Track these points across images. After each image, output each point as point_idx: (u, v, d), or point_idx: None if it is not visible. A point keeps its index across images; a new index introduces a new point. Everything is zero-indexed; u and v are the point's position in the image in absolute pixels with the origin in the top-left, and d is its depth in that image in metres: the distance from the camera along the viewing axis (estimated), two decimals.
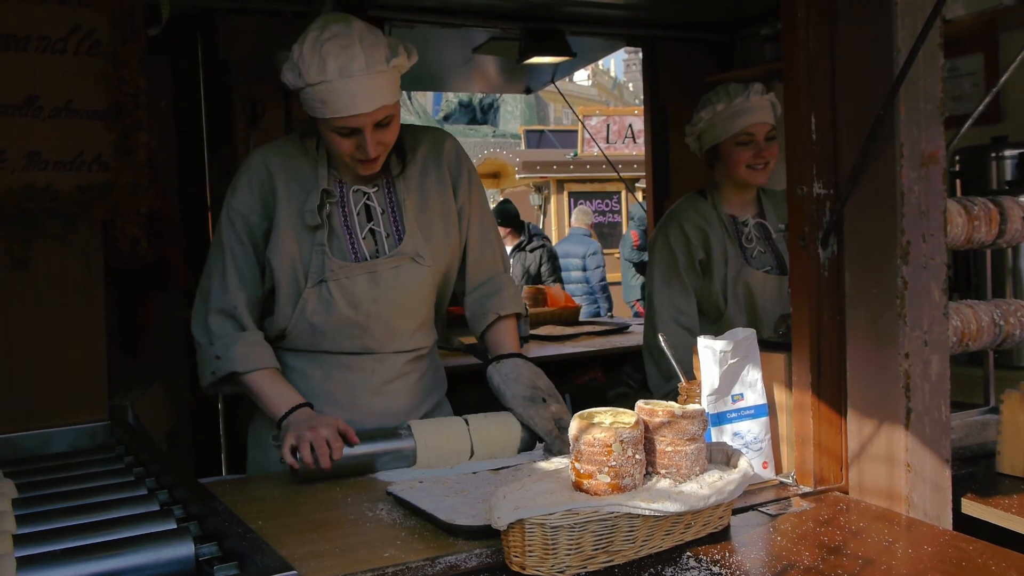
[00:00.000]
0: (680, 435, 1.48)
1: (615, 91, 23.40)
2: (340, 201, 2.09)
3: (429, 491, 1.71)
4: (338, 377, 2.11)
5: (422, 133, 2.22)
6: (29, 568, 1.36)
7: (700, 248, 2.74)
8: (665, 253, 2.79)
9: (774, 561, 1.41)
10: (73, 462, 2.05)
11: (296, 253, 2.04)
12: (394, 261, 2.07)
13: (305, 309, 2.05)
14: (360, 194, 2.11)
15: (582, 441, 1.42)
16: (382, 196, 2.13)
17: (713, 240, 2.74)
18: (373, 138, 1.97)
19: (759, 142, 2.68)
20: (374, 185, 2.13)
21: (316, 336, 2.09)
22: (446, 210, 2.17)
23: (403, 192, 2.13)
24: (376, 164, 2.04)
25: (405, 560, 1.43)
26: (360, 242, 2.08)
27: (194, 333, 2.10)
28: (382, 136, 2.00)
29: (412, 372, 2.20)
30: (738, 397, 1.77)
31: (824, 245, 1.73)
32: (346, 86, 1.91)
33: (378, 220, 2.10)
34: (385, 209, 2.12)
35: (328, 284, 2.03)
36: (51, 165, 2.54)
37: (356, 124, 1.95)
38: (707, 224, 2.75)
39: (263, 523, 1.62)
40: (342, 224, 2.08)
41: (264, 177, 2.08)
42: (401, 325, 2.13)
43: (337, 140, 1.99)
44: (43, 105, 2.56)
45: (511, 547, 1.38)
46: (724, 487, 1.47)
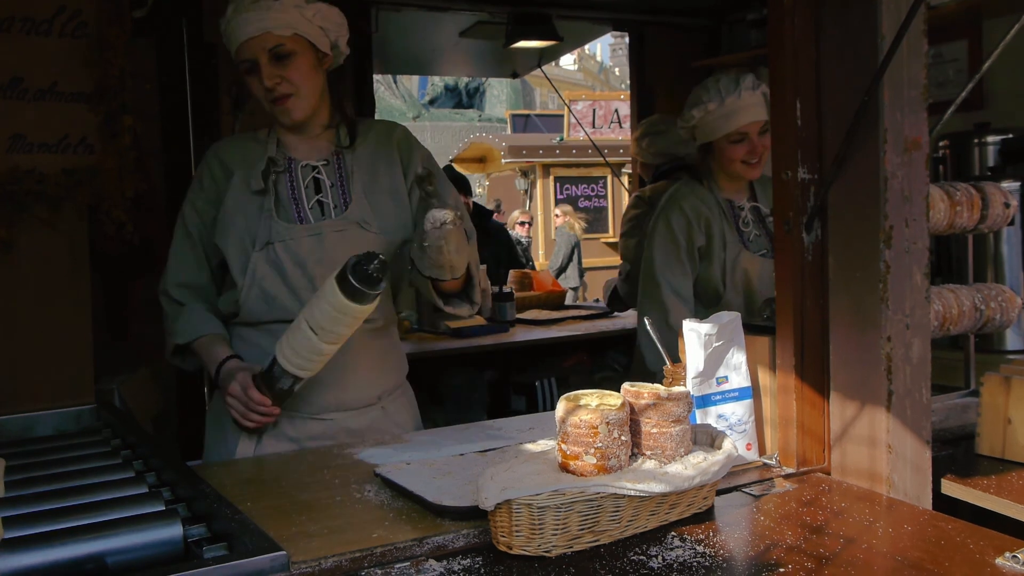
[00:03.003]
0: (665, 417, 1.50)
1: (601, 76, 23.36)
2: (288, 174, 2.16)
3: (417, 472, 1.72)
4: None
5: (376, 123, 2.31)
6: (17, 549, 1.37)
7: (701, 233, 2.75)
8: (667, 237, 2.80)
9: (757, 540, 1.44)
10: (59, 445, 2.05)
11: (244, 223, 2.11)
12: (339, 225, 2.12)
13: (255, 274, 2.09)
14: (309, 168, 2.18)
15: (568, 423, 1.44)
16: (331, 171, 2.19)
17: (713, 225, 2.75)
18: (269, 70, 2.06)
19: (752, 139, 2.69)
20: (324, 160, 2.19)
21: (269, 303, 2.10)
22: (396, 189, 2.19)
23: (352, 167, 2.18)
24: (289, 106, 2.10)
25: (393, 540, 1.44)
26: (307, 210, 2.14)
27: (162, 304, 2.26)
28: (282, 71, 2.07)
29: (370, 347, 2.18)
30: (723, 379, 1.78)
31: (808, 230, 1.75)
32: (238, 19, 2.05)
33: (326, 192, 2.16)
34: (334, 183, 2.17)
35: (275, 245, 2.08)
36: (36, 148, 2.53)
37: (248, 54, 2.07)
38: (707, 209, 2.76)
39: (251, 505, 1.63)
40: (289, 195, 2.14)
41: (216, 168, 2.18)
42: None
43: (250, 84, 2.11)
44: (28, 87, 2.54)
45: (498, 527, 1.40)
46: (708, 468, 1.49)
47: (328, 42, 2.15)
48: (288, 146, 2.19)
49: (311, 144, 2.21)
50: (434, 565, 1.36)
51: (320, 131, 2.21)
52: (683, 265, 2.76)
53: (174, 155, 4.24)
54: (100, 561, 1.38)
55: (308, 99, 2.13)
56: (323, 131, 2.21)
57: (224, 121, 4.38)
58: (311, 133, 2.20)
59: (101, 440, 2.09)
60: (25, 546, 1.38)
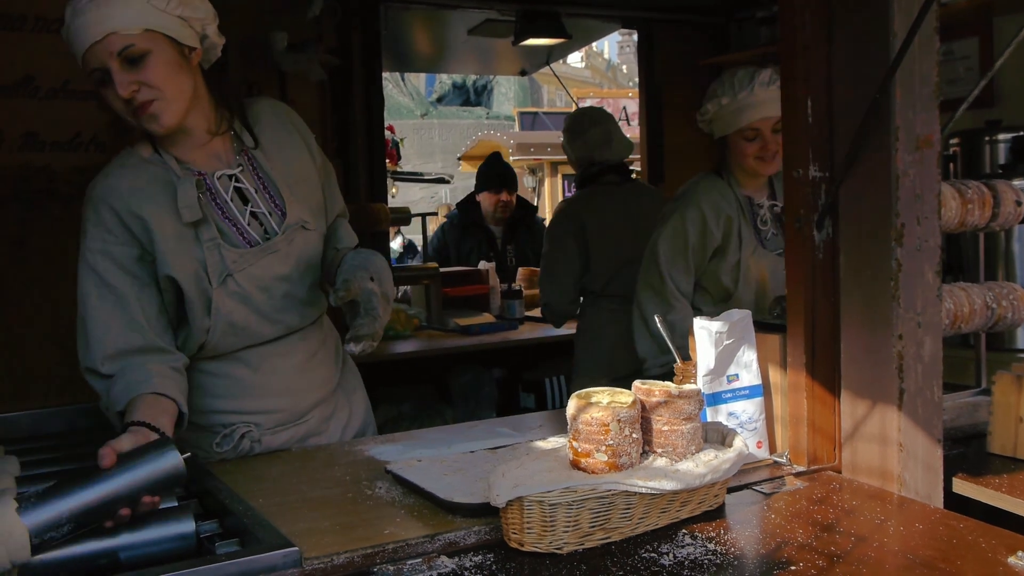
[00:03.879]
0: (676, 415, 1.50)
1: (609, 73, 23.34)
2: (209, 193, 1.92)
3: (427, 469, 1.73)
4: (266, 367, 2.02)
5: (254, 106, 2.07)
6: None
7: (719, 231, 2.73)
8: (678, 232, 2.77)
9: (768, 538, 1.44)
10: (72, 441, 2.07)
11: (191, 261, 1.88)
12: (288, 237, 1.97)
13: (220, 310, 1.91)
14: (226, 178, 1.95)
15: (580, 420, 1.44)
16: (249, 175, 1.99)
17: (732, 221, 2.73)
18: (122, 76, 1.76)
19: (765, 136, 2.67)
20: (237, 165, 1.97)
21: (237, 333, 1.96)
22: (308, 173, 2.07)
23: (266, 164, 2.00)
24: (153, 112, 1.81)
25: (405, 537, 1.45)
26: (247, 228, 1.95)
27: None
28: (138, 75, 1.77)
29: (327, 339, 2.16)
30: (733, 377, 1.78)
31: (819, 227, 1.75)
32: (78, 24, 1.76)
33: (255, 201, 1.97)
34: (257, 187, 1.98)
35: (234, 276, 1.90)
36: (48, 146, 2.55)
37: (97, 62, 1.76)
38: (728, 206, 2.75)
39: (263, 501, 1.64)
40: (221, 216, 1.93)
41: (115, 204, 1.86)
42: (309, 295, 2.04)
43: (106, 97, 1.81)
44: (39, 85, 2.57)
45: (510, 524, 1.40)
46: (719, 466, 1.49)
47: (194, 34, 1.87)
48: (187, 161, 1.93)
49: (207, 151, 1.95)
50: (446, 562, 1.37)
51: (208, 136, 1.95)
52: (687, 263, 2.76)
53: None
54: (114, 556, 1.39)
55: (176, 102, 1.84)
56: (213, 135, 1.95)
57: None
58: (199, 140, 1.94)
59: (112, 436, 2.09)
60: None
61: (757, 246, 2.72)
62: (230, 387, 2.01)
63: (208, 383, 1.98)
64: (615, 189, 3.65)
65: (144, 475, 1.42)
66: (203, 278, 1.89)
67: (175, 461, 1.43)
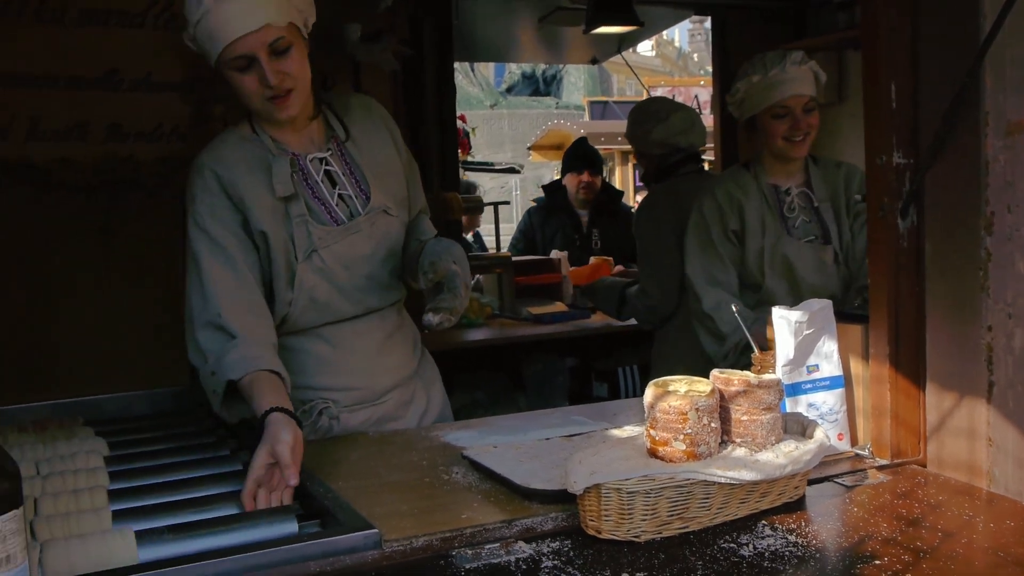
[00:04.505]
0: (756, 404, 1.48)
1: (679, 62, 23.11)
2: (302, 172, 2.03)
3: (504, 456, 1.74)
4: (345, 345, 2.08)
5: (345, 98, 2.18)
6: (125, 520, 1.42)
7: (734, 218, 2.72)
8: (699, 224, 2.78)
9: (851, 531, 1.41)
10: (157, 423, 2.12)
11: (282, 233, 1.97)
12: (372, 218, 2.06)
13: (303, 285, 1.99)
14: (317, 161, 2.05)
15: (657, 408, 1.43)
16: (338, 160, 2.07)
17: (748, 209, 2.71)
18: (272, 66, 1.86)
19: (796, 114, 2.64)
20: (327, 150, 2.07)
21: (318, 309, 2.04)
22: (393, 164, 2.16)
23: (355, 153, 2.09)
24: (289, 103, 1.92)
25: (482, 522, 1.46)
26: (334, 208, 2.04)
27: (190, 359, 1.92)
28: (283, 65, 1.88)
29: (403, 323, 2.22)
30: (813, 368, 1.76)
31: (903, 215, 1.71)
32: (225, 9, 1.82)
33: (343, 184, 2.06)
34: (344, 172, 2.07)
35: (319, 252, 1.99)
36: (132, 137, 2.62)
37: (247, 49, 1.84)
38: (743, 194, 2.73)
39: (342, 484, 1.66)
40: (311, 195, 2.02)
41: (221, 172, 1.96)
42: (389, 279, 2.11)
43: (240, 81, 1.89)
44: (123, 78, 2.63)
45: (587, 511, 1.40)
46: (800, 457, 1.47)
47: (306, 26, 1.98)
48: (283, 142, 2.03)
49: (303, 136, 2.06)
50: (523, 547, 1.37)
51: (306, 122, 2.05)
52: (716, 249, 2.73)
53: None
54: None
55: (305, 92, 1.97)
56: (309, 121, 2.06)
57: None
58: (300, 125, 2.04)
59: (196, 419, 2.15)
60: (128, 518, 1.44)
61: (783, 234, 2.68)
62: (309, 363, 2.07)
63: (288, 359, 1.99)
64: (696, 178, 3.54)
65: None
66: (290, 251, 1.97)
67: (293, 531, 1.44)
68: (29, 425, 1.98)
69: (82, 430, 1.96)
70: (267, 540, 1.37)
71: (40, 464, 1.70)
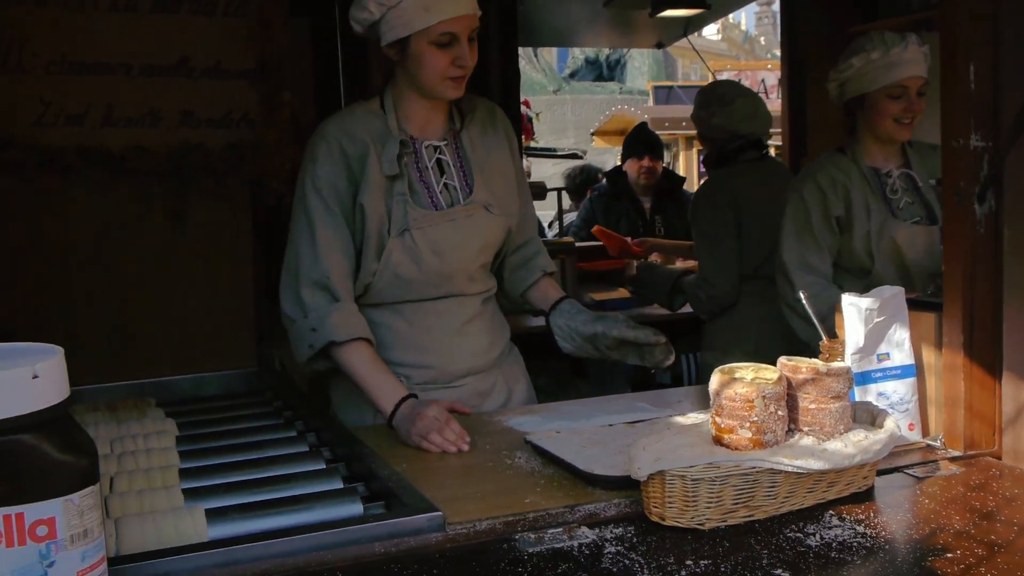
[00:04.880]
0: (824, 392, 1.46)
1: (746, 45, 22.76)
2: (414, 155, 2.11)
3: (567, 441, 1.73)
4: (421, 324, 2.14)
5: (476, 100, 2.26)
6: (195, 499, 1.45)
7: (839, 203, 2.65)
8: (799, 209, 2.71)
9: (921, 524, 1.38)
10: (227, 404, 2.17)
11: (382, 208, 2.05)
12: (469, 210, 2.12)
13: (390, 260, 2.05)
14: (432, 148, 2.13)
15: (723, 396, 1.42)
16: (451, 151, 2.15)
17: (853, 194, 2.64)
18: (468, 49, 2.00)
19: (911, 96, 2.56)
20: (443, 140, 2.15)
21: (401, 286, 2.10)
22: (506, 170, 2.23)
23: (468, 148, 2.16)
24: (463, 85, 2.05)
25: (545, 506, 1.46)
26: (437, 194, 2.11)
27: (284, 309, 2.07)
28: (472, 51, 2.02)
29: (485, 312, 2.25)
30: (884, 356, 1.72)
31: (981, 200, 1.66)
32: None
33: (451, 174, 2.13)
34: (455, 163, 2.15)
35: (412, 232, 2.05)
36: (203, 124, 2.65)
37: (457, 28, 1.97)
38: (846, 178, 2.66)
39: (407, 466, 1.68)
40: (418, 178, 2.10)
41: (344, 143, 2.06)
42: (476, 269, 2.18)
43: (433, 55, 1.99)
44: (195, 66, 2.66)
45: (651, 498, 1.39)
46: (870, 446, 1.44)
47: None
48: (407, 122, 2.12)
49: (430, 121, 2.14)
50: (586, 532, 1.37)
51: (441, 109, 2.15)
52: (814, 235, 2.67)
53: None
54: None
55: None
56: (442, 109, 2.16)
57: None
58: (434, 111, 2.13)
59: (265, 401, 2.19)
60: (198, 496, 1.47)
61: (888, 216, 2.61)
62: (386, 336, 2.12)
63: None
64: (758, 165, 3.49)
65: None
66: (384, 226, 2.05)
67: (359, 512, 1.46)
68: (102, 405, 2.03)
69: (153, 410, 2.01)
70: (333, 520, 1.39)
71: (113, 443, 1.74)
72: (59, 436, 1.07)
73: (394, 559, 1.28)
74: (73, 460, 1.08)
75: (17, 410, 1.03)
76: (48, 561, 1.04)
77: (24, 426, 1.03)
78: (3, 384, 1.02)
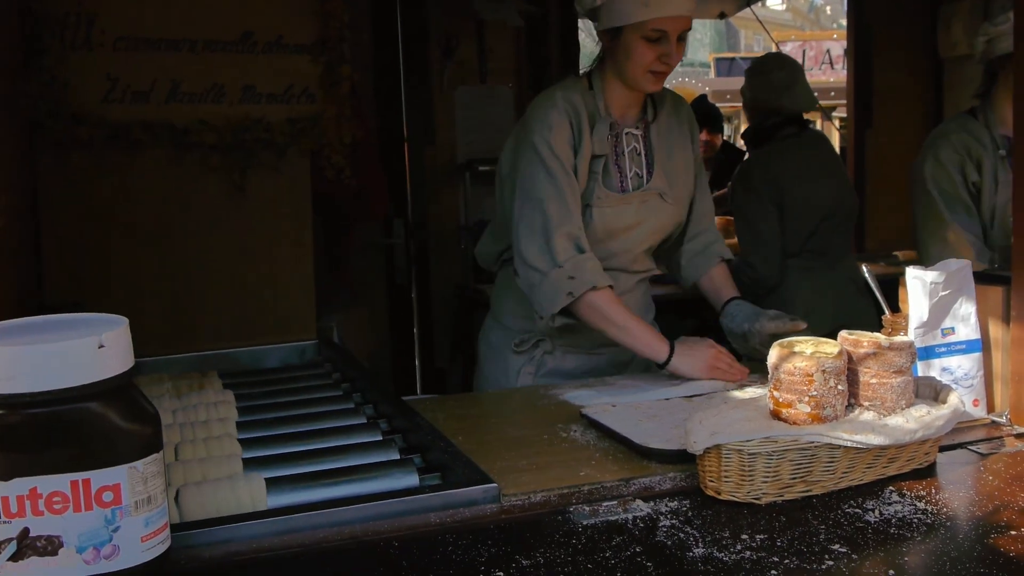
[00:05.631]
0: (886, 367, 1.43)
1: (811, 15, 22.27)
2: (614, 139, 2.24)
3: (622, 415, 1.73)
4: None
5: (664, 92, 2.35)
6: (255, 468, 1.48)
7: (974, 169, 2.55)
8: (941, 175, 2.60)
9: (985, 500, 1.35)
10: (286, 376, 2.20)
11: (583, 179, 2.19)
12: (645, 196, 2.25)
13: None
14: (631, 136, 2.26)
15: (782, 370, 1.40)
16: (642, 140, 2.28)
17: (985, 161, 2.54)
18: (675, 48, 2.12)
19: None
20: (638, 128, 2.27)
21: None
22: (687, 163, 2.34)
23: (655, 138, 2.29)
24: (662, 80, 2.18)
25: (600, 480, 1.46)
26: (627, 178, 2.24)
27: (530, 262, 2.14)
28: (679, 50, 2.14)
29: (637, 291, 2.37)
30: (948, 331, 1.68)
31: None
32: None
33: (640, 161, 2.27)
34: (642, 151, 2.28)
35: (592, 208, 2.18)
36: (264, 98, 2.68)
37: (670, 26, 2.09)
38: (979, 144, 2.56)
39: (462, 439, 1.69)
40: (614, 161, 2.23)
41: (571, 113, 2.19)
42: (640, 250, 2.31)
43: (642, 48, 2.11)
44: (257, 40, 2.69)
45: (707, 472, 1.38)
46: (932, 422, 1.42)
47: None
48: (611, 106, 2.24)
49: (629, 109, 2.27)
50: (641, 505, 1.37)
51: (640, 98, 2.27)
52: (966, 202, 2.58)
53: (386, 104, 4.40)
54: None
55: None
56: (641, 98, 2.28)
57: (433, 69, 4.49)
58: (634, 99, 2.26)
59: (323, 373, 2.22)
60: (258, 466, 1.50)
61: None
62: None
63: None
64: (796, 141, 3.41)
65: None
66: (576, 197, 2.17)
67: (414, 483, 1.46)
68: (166, 376, 2.08)
69: (215, 381, 2.05)
70: (389, 491, 1.41)
71: (176, 413, 1.78)
72: (124, 405, 1.10)
73: (449, 530, 1.30)
74: (138, 428, 1.10)
75: (84, 379, 1.06)
76: (114, 526, 1.07)
77: (90, 394, 1.06)
78: (70, 353, 1.05)
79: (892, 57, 4.77)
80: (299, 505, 1.35)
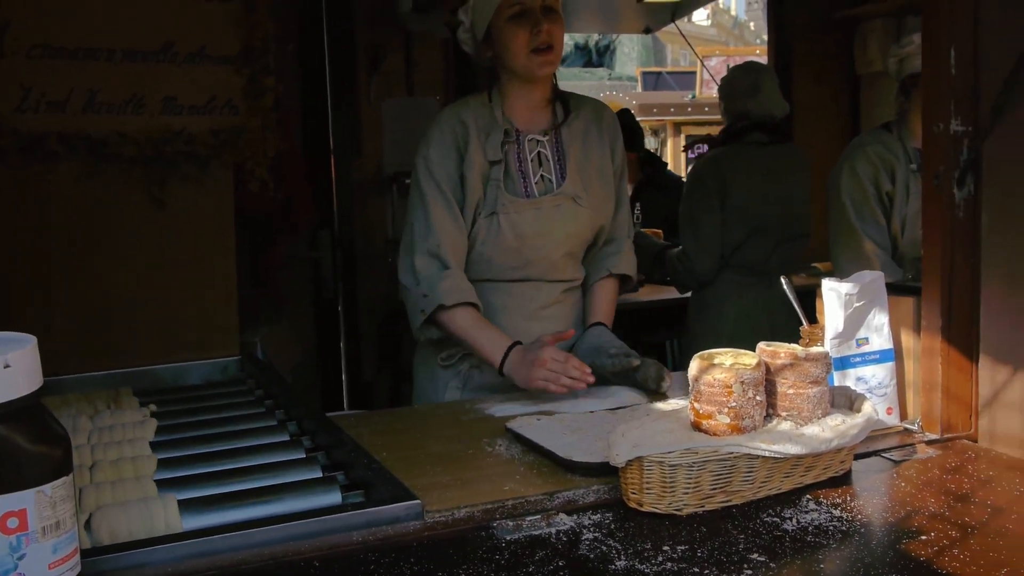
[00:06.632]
0: (803, 377, 1.46)
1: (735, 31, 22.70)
2: (516, 145, 2.24)
3: (547, 428, 1.73)
4: (498, 303, 2.25)
5: (585, 100, 2.38)
6: (170, 489, 1.45)
7: (887, 179, 2.63)
8: (856, 185, 2.67)
9: (897, 506, 1.39)
10: (208, 393, 2.16)
11: (480, 190, 2.20)
12: (557, 200, 2.23)
13: (476, 238, 2.21)
14: (534, 142, 2.25)
15: (702, 381, 1.42)
16: (552, 146, 2.27)
17: (898, 172, 2.62)
18: (542, 22, 2.12)
19: None
20: (545, 133, 2.27)
21: (483, 265, 2.24)
22: (604, 168, 2.32)
23: (568, 143, 2.28)
24: (551, 59, 2.17)
25: (524, 494, 1.46)
26: (532, 184, 2.23)
27: (400, 279, 2.22)
28: (551, 27, 2.14)
29: (565, 301, 2.33)
30: (863, 341, 1.72)
31: (960, 185, 1.66)
32: None
33: (548, 166, 2.26)
34: (553, 156, 2.27)
35: (499, 216, 2.18)
36: (186, 110, 2.63)
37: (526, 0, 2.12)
38: (893, 156, 2.64)
39: (386, 455, 1.67)
40: (516, 168, 2.23)
41: (458, 129, 2.22)
42: (559, 258, 2.27)
43: (511, 29, 2.14)
44: (179, 51, 2.64)
45: (629, 484, 1.39)
46: (847, 431, 1.45)
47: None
48: (512, 115, 2.26)
49: (533, 115, 2.28)
50: (564, 519, 1.37)
51: (544, 103, 2.28)
52: (876, 214, 2.64)
53: (312, 115, 4.35)
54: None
55: (558, 58, 2.21)
56: (545, 103, 2.29)
57: (360, 80, 4.47)
58: (537, 104, 2.27)
59: (246, 390, 2.19)
60: (173, 486, 1.47)
61: None
62: None
63: None
64: (760, 150, 3.43)
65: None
66: (478, 207, 2.20)
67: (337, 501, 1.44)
68: (79, 395, 2.02)
69: (131, 400, 2.00)
70: (311, 510, 1.39)
71: (88, 434, 1.73)
72: (31, 426, 1.07)
73: (372, 548, 1.28)
74: (46, 450, 1.07)
75: None
76: (19, 553, 1.03)
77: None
78: None
79: (811, 72, 4.89)
80: (216, 526, 1.32)
